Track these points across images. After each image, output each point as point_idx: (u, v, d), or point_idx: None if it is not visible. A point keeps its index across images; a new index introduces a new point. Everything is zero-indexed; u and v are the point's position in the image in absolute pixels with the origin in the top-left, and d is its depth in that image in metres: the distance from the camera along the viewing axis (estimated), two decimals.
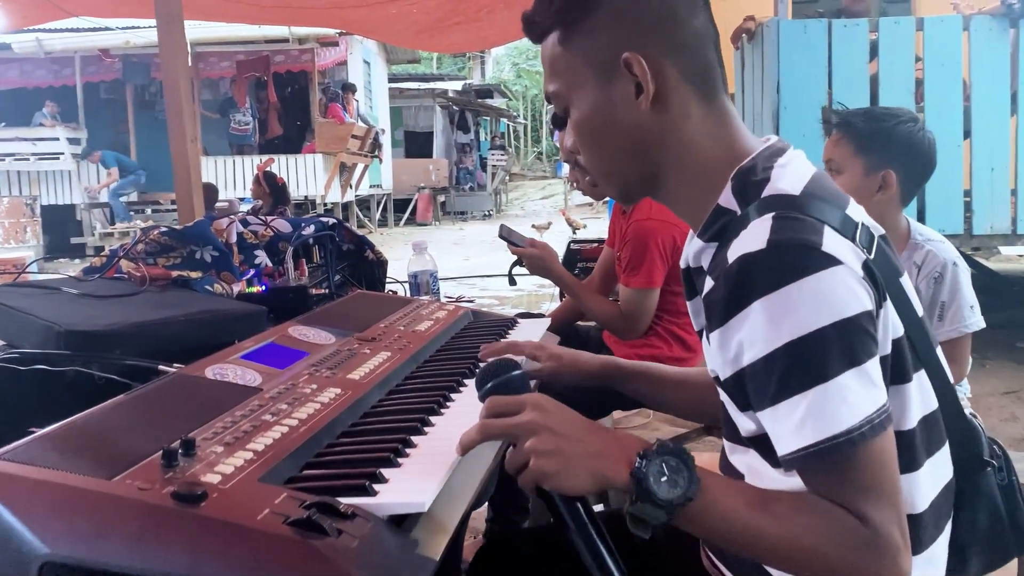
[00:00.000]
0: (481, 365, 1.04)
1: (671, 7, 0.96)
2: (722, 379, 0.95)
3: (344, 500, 0.81)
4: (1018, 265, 8.26)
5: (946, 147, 4.21)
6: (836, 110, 1.99)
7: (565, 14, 0.97)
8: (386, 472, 0.90)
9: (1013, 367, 4.62)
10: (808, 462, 0.83)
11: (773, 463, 0.93)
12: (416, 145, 21.41)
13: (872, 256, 0.90)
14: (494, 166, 23.25)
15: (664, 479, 0.81)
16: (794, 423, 0.82)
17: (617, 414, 2.54)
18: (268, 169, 7.71)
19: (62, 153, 12.46)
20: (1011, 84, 4.30)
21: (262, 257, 2.01)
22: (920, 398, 0.93)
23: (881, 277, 0.89)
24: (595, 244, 6.74)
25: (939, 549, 0.95)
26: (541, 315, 1.99)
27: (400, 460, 0.94)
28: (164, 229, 1.81)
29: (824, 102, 4.26)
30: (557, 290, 6.08)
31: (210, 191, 8.35)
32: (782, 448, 0.85)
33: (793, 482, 0.88)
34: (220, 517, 0.76)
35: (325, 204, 13.61)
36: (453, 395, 1.20)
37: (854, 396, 0.81)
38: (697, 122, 0.97)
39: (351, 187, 15.02)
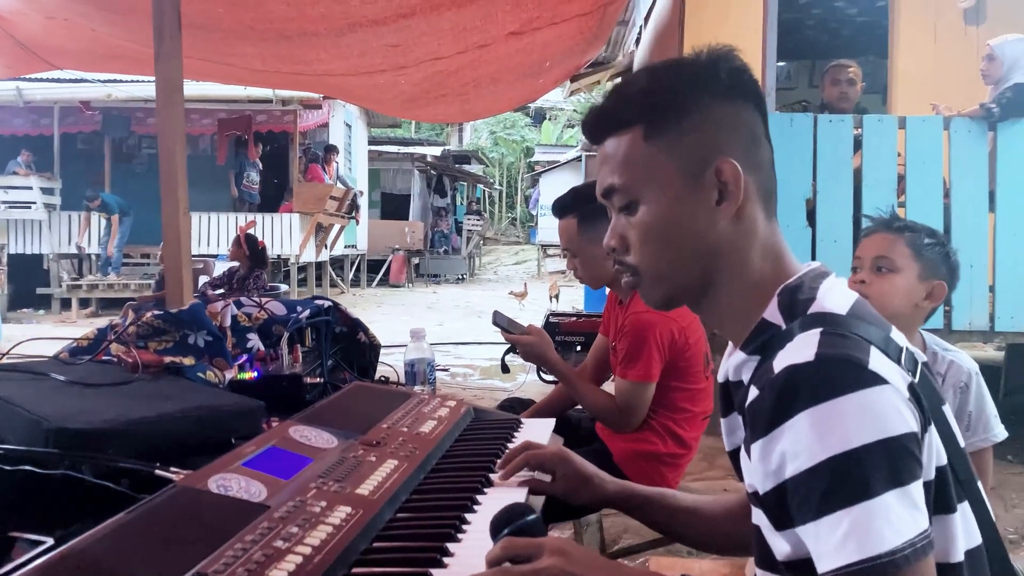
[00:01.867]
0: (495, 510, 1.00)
1: (752, 127, 0.99)
2: (761, 493, 0.92)
3: None
4: (983, 352, 8.37)
5: None
6: (895, 215, 2.01)
7: (658, 111, 0.97)
8: None
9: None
10: None
11: None
12: (393, 207, 21.51)
13: (916, 380, 0.89)
14: (469, 230, 23.39)
15: None
16: (837, 540, 0.80)
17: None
18: (250, 231, 7.63)
19: (34, 202, 12.30)
20: (989, 183, 4.41)
21: (255, 341, 1.96)
22: (964, 530, 0.91)
23: (926, 402, 0.87)
24: (573, 318, 6.75)
25: None
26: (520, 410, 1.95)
27: None
28: (158, 312, 1.76)
29: (808, 194, 4.33)
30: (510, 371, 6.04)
31: None
32: (823, 566, 0.82)
33: None
34: None
35: (298, 263, 13.54)
36: (468, 515, 1.14)
37: (897, 517, 0.79)
38: (760, 238, 0.99)
39: (326, 247, 15.00)
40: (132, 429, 1.30)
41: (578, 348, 6.11)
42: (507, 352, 2.64)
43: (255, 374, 1.85)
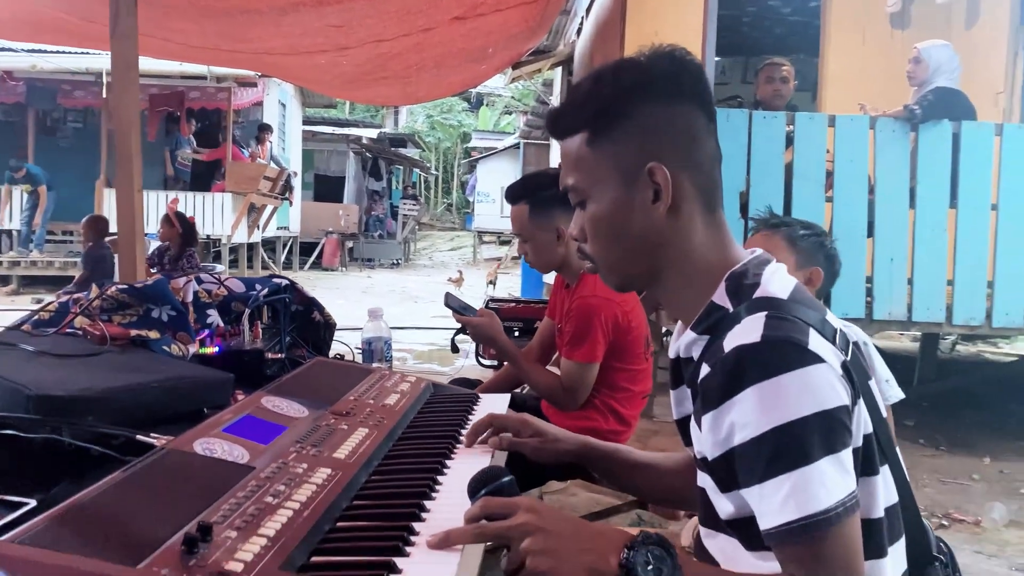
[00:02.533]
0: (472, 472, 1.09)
1: (690, 128, 1.06)
2: (710, 459, 1.02)
3: None
4: (901, 343, 8.78)
5: (852, 236, 4.52)
6: (771, 214, 2.16)
7: (598, 119, 1.06)
8: (398, 561, 0.92)
9: (903, 444, 4.85)
10: (788, 537, 0.91)
11: (749, 546, 1.01)
12: (326, 189, 21.24)
13: (848, 358, 1.00)
14: (405, 215, 23.28)
15: (650, 567, 0.88)
16: (779, 500, 0.91)
17: (556, 484, 2.59)
18: (179, 209, 7.51)
19: None
20: (910, 181, 4.64)
21: (214, 317, 2.00)
22: (885, 490, 1.03)
23: (856, 377, 0.99)
24: (512, 304, 6.85)
25: None
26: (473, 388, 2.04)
27: (407, 549, 0.97)
28: (123, 286, 1.79)
29: (743, 187, 4.50)
30: (471, 346, 6.14)
31: (102, 223, 8.07)
32: (766, 523, 0.93)
33: (768, 566, 0.96)
34: None
35: (230, 244, 13.33)
36: (440, 477, 1.23)
37: (831, 480, 0.91)
38: (700, 230, 1.08)
39: (258, 228, 14.77)
40: (110, 397, 1.34)
41: (515, 332, 6.20)
42: (457, 333, 2.73)
43: (216, 349, 1.89)
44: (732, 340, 0.97)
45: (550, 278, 9.96)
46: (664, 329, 5.53)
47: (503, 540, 0.94)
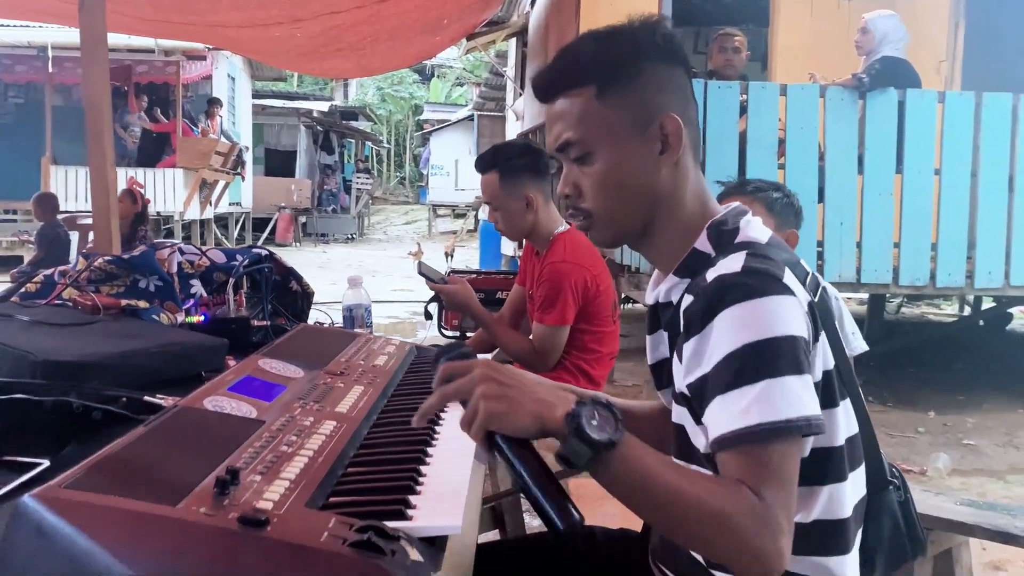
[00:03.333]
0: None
1: (684, 87, 1.16)
2: (687, 386, 1.08)
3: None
4: (850, 307, 9.06)
5: (803, 202, 4.63)
6: (744, 179, 2.24)
7: (608, 73, 1.12)
8: (411, 499, 1.01)
9: None
10: (742, 440, 0.95)
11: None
12: (277, 164, 20.98)
13: (816, 299, 1.10)
14: (358, 189, 23.12)
15: (595, 422, 0.92)
16: (741, 407, 0.96)
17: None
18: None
19: None
20: (858, 148, 4.81)
21: (198, 287, 2.05)
22: (846, 421, 1.12)
23: (820, 317, 1.08)
24: (473, 275, 6.93)
25: (856, 552, 1.15)
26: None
27: (418, 488, 1.05)
28: (110, 257, 1.82)
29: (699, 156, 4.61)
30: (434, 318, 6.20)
31: (53, 200, 7.94)
32: (720, 429, 0.97)
33: None
34: (288, 539, 0.85)
35: (183, 221, 13.15)
36: (437, 427, 1.31)
37: (796, 396, 0.97)
38: (693, 181, 1.17)
39: (211, 204, 14.58)
40: (114, 361, 1.40)
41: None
42: (430, 301, 2.81)
43: (203, 318, 1.94)
44: (714, 272, 1.05)
45: (508, 250, 10.07)
46: (623, 295, 5.66)
47: (463, 395, 0.99)
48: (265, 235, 18.65)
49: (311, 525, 0.89)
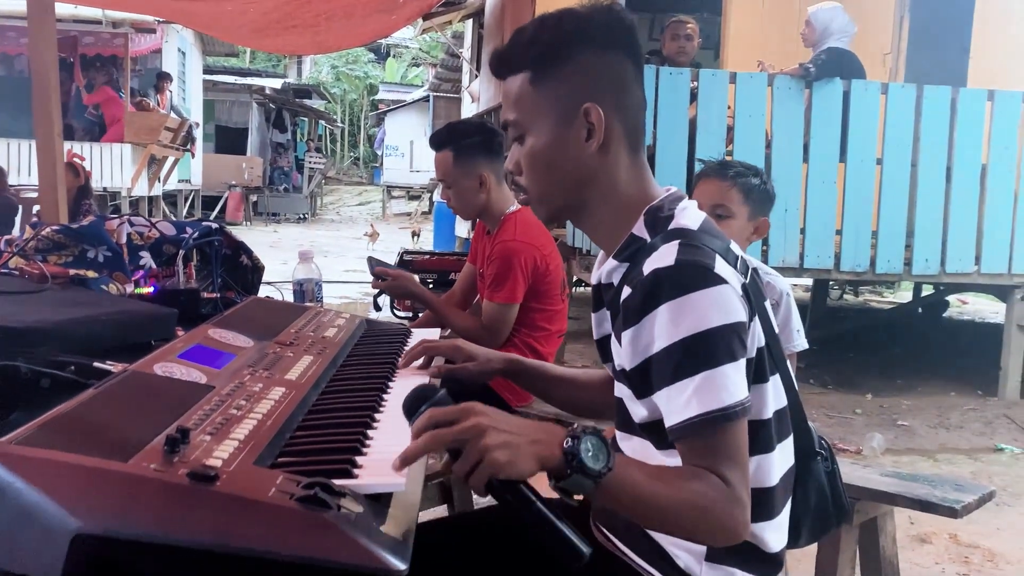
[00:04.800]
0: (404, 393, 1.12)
1: (623, 75, 1.20)
2: (628, 369, 1.15)
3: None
4: (795, 294, 9.26)
5: None
6: (726, 161, 2.24)
7: (541, 60, 1.18)
8: (358, 459, 1.04)
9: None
10: (690, 430, 1.04)
11: (659, 447, 1.17)
12: (228, 141, 20.64)
13: (747, 281, 1.16)
14: (311, 168, 22.86)
15: (590, 453, 0.98)
16: (684, 399, 1.05)
17: None
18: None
19: None
20: (804, 136, 4.93)
21: (147, 259, 2.05)
22: (774, 395, 1.19)
23: (753, 298, 1.15)
24: (427, 256, 6.95)
25: (784, 519, 1.22)
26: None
27: (365, 450, 1.09)
28: (57, 227, 1.82)
29: (650, 141, 4.69)
30: (385, 299, 6.22)
31: (1, 175, 7.75)
32: (671, 420, 1.07)
33: (675, 463, 1.12)
34: (236, 493, 0.89)
35: (131, 197, 12.88)
36: (384, 396, 1.35)
37: (732, 384, 1.05)
38: (625, 168, 1.21)
39: (159, 181, 14.31)
40: (63, 329, 1.41)
41: (430, 284, 6.31)
42: (379, 293, 2.86)
43: (152, 289, 1.95)
44: (649, 265, 1.11)
45: (462, 231, 10.06)
46: (575, 278, 5.73)
47: (459, 444, 0.99)
48: (215, 213, 18.36)
49: (260, 481, 0.92)
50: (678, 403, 1.06)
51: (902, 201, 5.02)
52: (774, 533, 1.19)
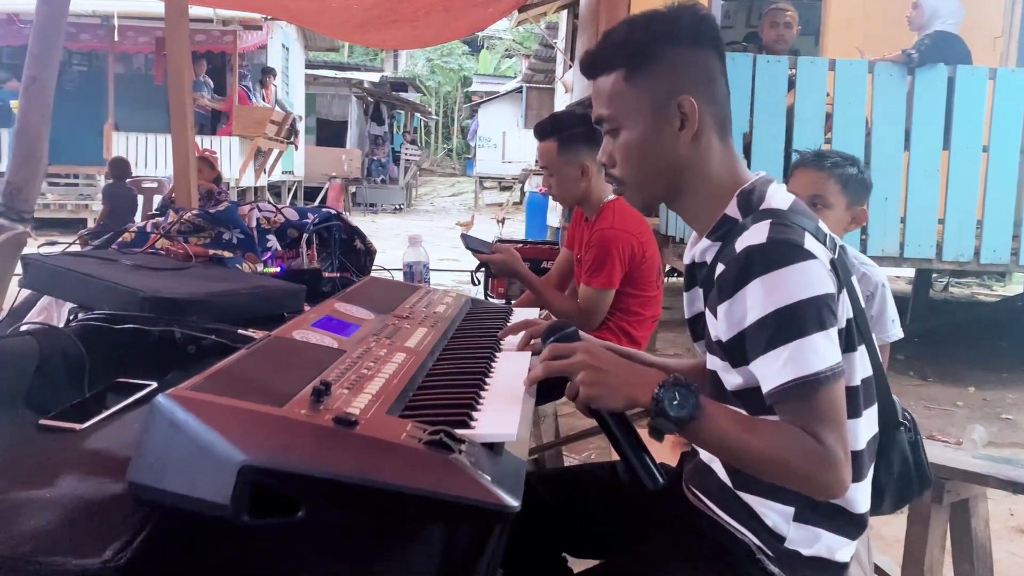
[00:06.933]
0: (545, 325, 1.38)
1: (710, 69, 1.30)
2: (724, 341, 1.25)
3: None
4: (897, 285, 9.03)
5: None
6: (822, 152, 2.26)
7: (634, 59, 1.28)
8: (473, 413, 1.17)
9: (893, 376, 5.17)
10: (786, 394, 1.13)
11: (752, 412, 1.26)
12: (328, 134, 21.30)
13: (836, 257, 1.24)
14: (407, 160, 23.36)
15: (675, 403, 1.11)
16: (779, 366, 1.14)
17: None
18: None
19: None
20: (906, 123, 4.84)
21: (273, 241, 2.24)
22: (861, 364, 1.27)
23: (842, 273, 1.22)
24: (519, 244, 7.09)
25: (868, 483, 1.29)
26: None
27: (479, 406, 1.22)
28: (197, 211, 2.02)
29: (746, 129, 4.70)
30: (481, 285, 6.38)
31: (123, 165, 8.28)
32: (768, 385, 1.16)
33: None
34: (374, 436, 1.03)
35: (238, 188, 13.50)
36: (493, 363, 1.48)
37: (822, 350, 1.13)
38: (716, 155, 1.31)
39: (265, 172, 14.92)
40: (211, 300, 1.59)
41: None
42: (478, 269, 2.98)
43: (278, 269, 2.13)
44: (742, 243, 1.20)
45: (553, 221, 10.15)
46: (668, 267, 5.77)
47: (565, 374, 1.18)
48: (316, 204, 18.98)
49: (392, 428, 1.06)
50: (773, 369, 1.14)
51: (1010, 189, 4.88)
52: (861, 495, 1.27)
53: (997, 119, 4.82)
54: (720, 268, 1.25)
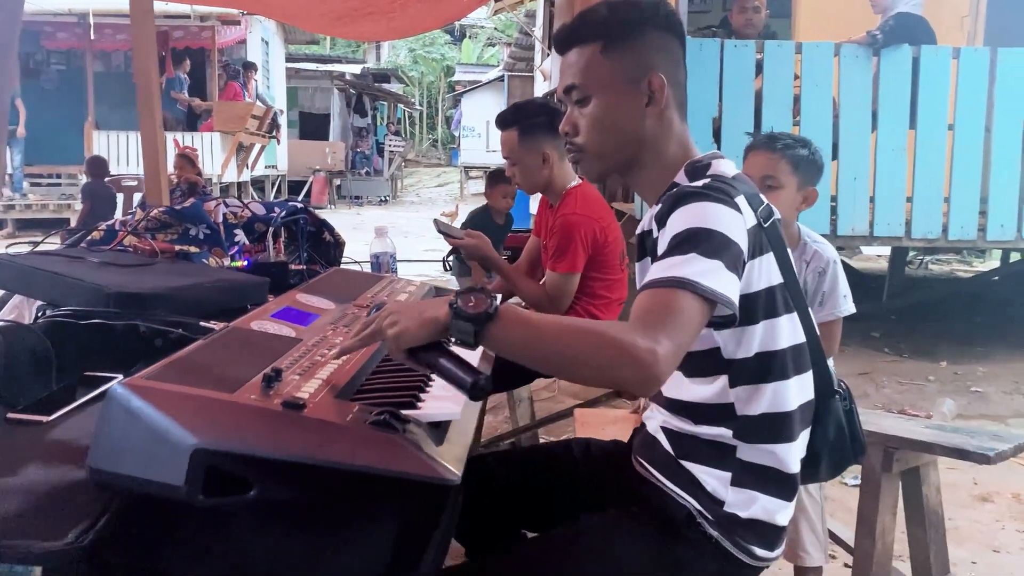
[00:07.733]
0: None
1: (676, 54, 1.40)
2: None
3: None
4: (876, 264, 9.13)
5: None
6: (774, 134, 2.32)
7: (615, 32, 1.36)
8: (421, 395, 1.24)
9: (868, 352, 5.29)
10: (656, 284, 1.15)
11: (688, 373, 1.34)
12: (311, 127, 21.25)
13: (766, 227, 1.31)
14: (391, 151, 23.34)
15: (471, 304, 1.14)
16: (665, 266, 1.17)
17: (541, 382, 2.91)
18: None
19: None
20: (872, 104, 4.91)
21: (240, 236, 2.28)
22: (790, 331, 1.33)
23: (770, 241, 1.29)
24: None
25: (801, 445, 1.36)
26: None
27: (427, 389, 1.28)
28: (163, 208, 2.06)
29: (715, 113, 4.76)
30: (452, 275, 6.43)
31: (101, 164, 8.29)
32: (650, 276, 1.18)
33: (703, 391, 1.29)
34: (320, 418, 1.08)
35: (221, 183, 13.49)
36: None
37: (704, 269, 1.16)
38: (675, 133, 1.40)
39: (247, 167, 14.91)
40: (174, 294, 1.64)
41: (505, 259, 6.51)
42: (449, 254, 3.03)
43: (246, 262, 2.18)
44: (680, 189, 1.29)
45: (535, 209, 10.20)
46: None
47: (375, 335, 1.20)
48: (300, 197, 18.95)
49: (339, 410, 1.12)
50: (660, 268, 1.18)
51: (975, 167, 4.95)
52: (793, 456, 1.34)
53: (962, 98, 4.90)
54: (656, 208, 1.32)
